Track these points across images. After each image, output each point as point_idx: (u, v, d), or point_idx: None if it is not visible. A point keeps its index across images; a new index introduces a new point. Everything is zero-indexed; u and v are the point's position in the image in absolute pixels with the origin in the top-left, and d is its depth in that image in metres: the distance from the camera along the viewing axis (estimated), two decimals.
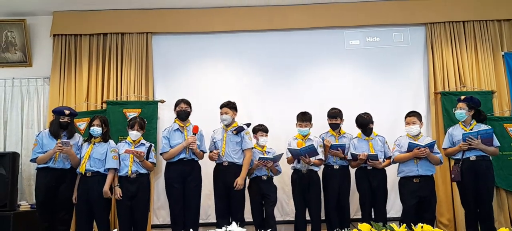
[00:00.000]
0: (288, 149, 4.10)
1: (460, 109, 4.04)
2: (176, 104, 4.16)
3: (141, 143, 4.06)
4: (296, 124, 4.30)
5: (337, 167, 4.23)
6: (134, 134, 4.03)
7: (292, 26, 5.22)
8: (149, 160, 4.02)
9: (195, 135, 4.03)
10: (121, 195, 3.90)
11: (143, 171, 3.98)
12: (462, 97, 4.10)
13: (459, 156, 3.97)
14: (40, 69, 5.24)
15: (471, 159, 3.92)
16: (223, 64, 5.26)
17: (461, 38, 5.12)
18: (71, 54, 5.16)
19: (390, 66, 5.19)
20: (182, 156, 4.00)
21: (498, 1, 5.16)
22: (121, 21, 5.19)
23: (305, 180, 4.16)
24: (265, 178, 4.14)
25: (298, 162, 4.13)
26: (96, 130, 4.03)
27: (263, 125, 4.32)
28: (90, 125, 4.11)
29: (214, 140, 4.20)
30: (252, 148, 4.17)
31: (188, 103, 4.16)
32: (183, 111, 4.12)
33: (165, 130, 4.17)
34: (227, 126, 4.15)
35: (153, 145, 4.18)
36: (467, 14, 5.16)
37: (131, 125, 4.06)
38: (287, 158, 4.25)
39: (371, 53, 5.23)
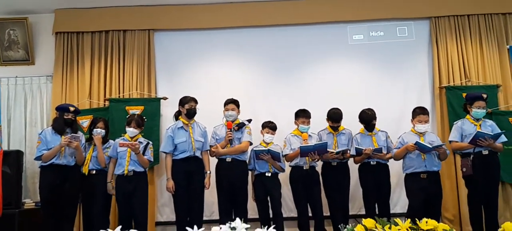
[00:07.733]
0: (301, 146, 4.02)
1: (482, 108, 3.99)
2: (185, 102, 4.09)
3: (139, 141, 4.05)
4: (297, 121, 4.28)
5: (335, 164, 4.23)
6: (131, 131, 4.03)
7: (296, 22, 5.17)
8: (145, 157, 4.00)
9: (230, 130, 4.07)
10: (113, 189, 4.00)
11: (139, 169, 3.98)
12: (484, 95, 4.03)
13: (469, 150, 3.93)
14: (42, 67, 5.22)
15: (483, 153, 3.89)
16: (226, 61, 5.23)
17: (466, 32, 5.06)
18: (73, 52, 5.14)
19: (394, 61, 5.13)
20: (187, 154, 3.99)
21: None
22: (123, 18, 5.16)
23: (307, 177, 4.14)
24: (268, 174, 4.11)
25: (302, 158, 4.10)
26: (101, 131, 4.12)
27: (272, 122, 4.27)
28: (93, 126, 4.17)
29: (216, 137, 4.19)
30: (250, 142, 4.17)
31: (196, 101, 4.12)
32: (192, 110, 4.08)
33: (169, 128, 4.12)
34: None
35: (151, 143, 4.15)
36: (471, 8, 5.10)
37: (128, 122, 4.07)
38: (286, 155, 4.18)
39: (375, 48, 5.18)
